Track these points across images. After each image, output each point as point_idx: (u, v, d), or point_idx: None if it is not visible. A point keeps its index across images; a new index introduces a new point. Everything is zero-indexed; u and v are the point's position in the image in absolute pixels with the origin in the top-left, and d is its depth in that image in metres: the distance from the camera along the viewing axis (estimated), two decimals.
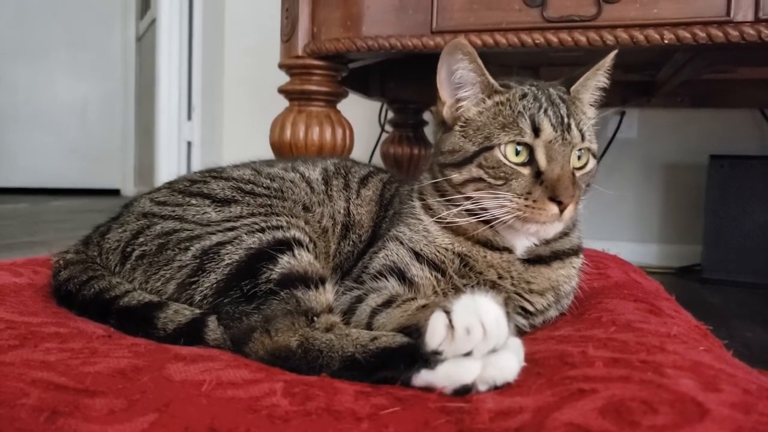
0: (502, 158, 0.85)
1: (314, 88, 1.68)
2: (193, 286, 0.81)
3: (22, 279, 1.04)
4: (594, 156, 0.92)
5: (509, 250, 0.91)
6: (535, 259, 0.92)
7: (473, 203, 0.88)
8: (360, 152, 2.31)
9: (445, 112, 0.94)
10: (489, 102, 0.91)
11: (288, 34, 1.71)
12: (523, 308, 0.90)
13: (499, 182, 0.85)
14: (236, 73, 3.68)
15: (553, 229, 0.87)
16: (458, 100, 0.93)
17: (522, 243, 0.92)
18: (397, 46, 1.52)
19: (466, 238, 0.91)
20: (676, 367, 0.64)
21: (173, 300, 0.82)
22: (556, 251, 0.93)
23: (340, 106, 1.77)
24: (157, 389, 0.60)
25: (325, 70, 1.68)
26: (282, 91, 1.74)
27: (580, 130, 0.88)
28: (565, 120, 0.87)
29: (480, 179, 0.87)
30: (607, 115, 0.95)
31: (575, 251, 0.96)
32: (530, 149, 0.85)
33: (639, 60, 1.92)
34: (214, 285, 0.79)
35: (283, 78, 1.76)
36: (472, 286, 0.87)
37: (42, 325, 0.79)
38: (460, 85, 0.92)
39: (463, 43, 0.88)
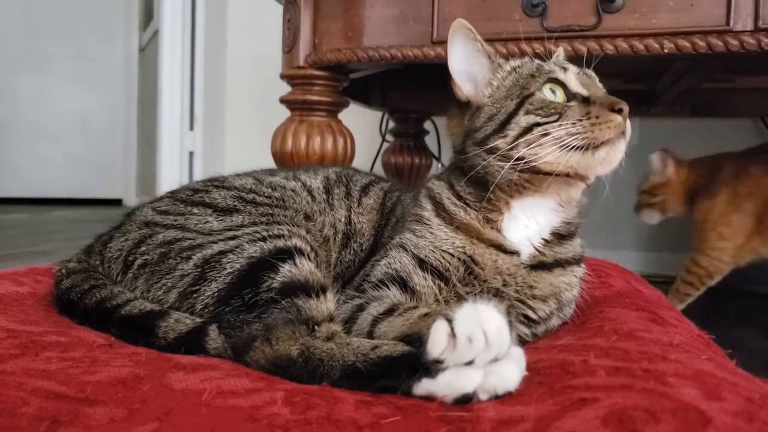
0: (546, 97, 0.88)
1: (316, 98, 1.69)
2: (195, 295, 0.81)
3: (24, 288, 1.04)
4: None
5: (517, 254, 0.91)
6: (538, 265, 0.92)
7: (525, 161, 0.86)
8: (361, 161, 2.32)
9: (467, 91, 0.96)
10: (507, 67, 0.96)
11: (289, 45, 1.72)
12: (526, 316, 0.90)
13: (554, 117, 0.86)
14: (238, 83, 3.70)
15: (620, 150, 0.86)
16: (476, 76, 0.96)
17: (533, 238, 0.92)
18: (398, 57, 1.52)
19: (479, 240, 0.91)
20: (679, 376, 0.63)
21: (175, 309, 0.82)
22: (558, 259, 0.93)
23: (341, 115, 1.78)
24: (157, 398, 0.60)
25: (326, 80, 1.69)
26: (283, 101, 1.75)
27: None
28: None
29: (533, 125, 0.86)
30: None
31: (577, 260, 0.96)
32: (563, 88, 0.89)
33: (639, 69, 1.93)
34: (216, 294, 0.79)
35: (285, 88, 1.77)
36: (475, 294, 0.87)
37: (43, 334, 0.79)
38: (475, 58, 0.96)
39: (464, 21, 0.94)
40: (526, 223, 0.92)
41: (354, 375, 0.66)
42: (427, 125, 2.77)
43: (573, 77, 0.91)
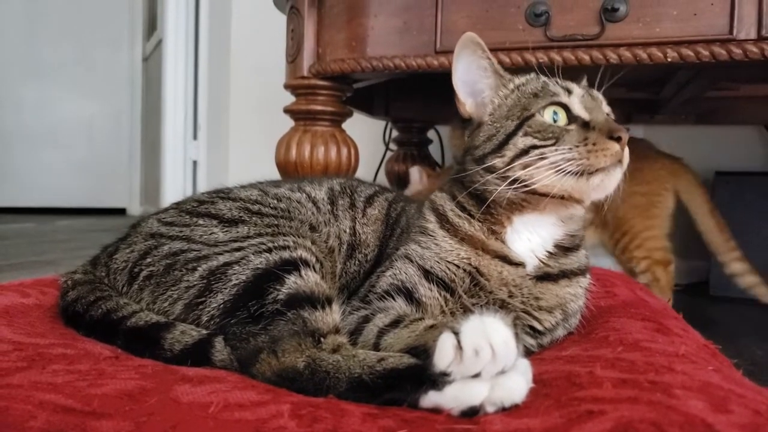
0: (545, 120, 0.88)
1: (319, 108, 1.70)
2: (200, 307, 0.81)
3: (30, 300, 1.04)
4: None
5: (523, 265, 0.91)
6: (543, 276, 0.92)
7: (521, 182, 0.86)
8: (365, 171, 2.32)
9: (469, 107, 0.97)
10: (511, 85, 0.96)
11: (293, 55, 1.73)
12: (532, 327, 0.90)
13: (551, 141, 0.86)
14: (242, 92, 3.71)
15: (616, 178, 0.85)
16: (479, 93, 0.96)
17: (537, 251, 0.91)
18: (401, 67, 1.53)
19: (484, 251, 0.91)
20: (685, 388, 0.63)
21: (181, 320, 0.82)
22: (563, 270, 0.93)
23: (344, 125, 1.79)
24: (164, 411, 0.60)
25: (330, 90, 1.69)
26: (287, 111, 1.75)
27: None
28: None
29: (530, 148, 0.86)
30: None
31: (582, 271, 0.96)
32: (566, 111, 0.88)
33: (642, 78, 1.93)
34: (221, 305, 0.79)
35: (289, 98, 1.77)
36: (481, 306, 0.87)
37: (49, 347, 0.80)
38: (480, 76, 0.96)
39: (474, 35, 0.93)
40: (529, 237, 0.92)
41: (360, 387, 0.66)
42: (431, 134, 2.78)
43: (577, 100, 0.90)
